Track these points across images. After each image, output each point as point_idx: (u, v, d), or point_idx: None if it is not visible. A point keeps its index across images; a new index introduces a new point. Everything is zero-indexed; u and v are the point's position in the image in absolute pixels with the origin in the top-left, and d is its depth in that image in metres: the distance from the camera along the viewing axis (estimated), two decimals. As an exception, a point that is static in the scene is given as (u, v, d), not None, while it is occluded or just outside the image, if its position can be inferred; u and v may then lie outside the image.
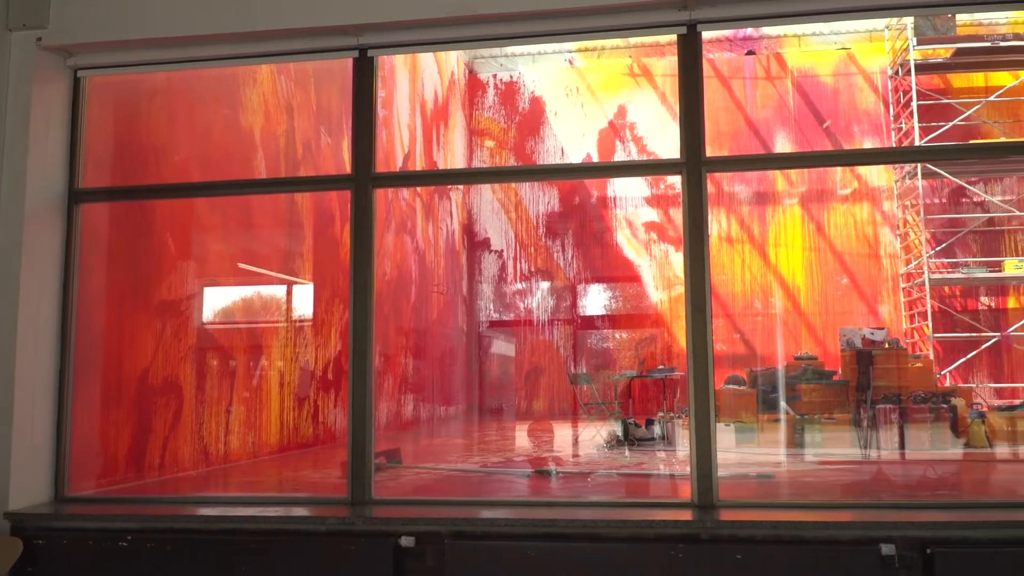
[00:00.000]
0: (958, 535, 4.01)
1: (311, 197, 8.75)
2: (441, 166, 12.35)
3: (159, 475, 6.34)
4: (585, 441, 9.31)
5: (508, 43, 5.16)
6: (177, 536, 4.46)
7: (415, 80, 11.43)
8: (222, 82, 7.42)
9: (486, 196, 13.56)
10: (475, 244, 13.48)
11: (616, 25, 4.87)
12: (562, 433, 10.61)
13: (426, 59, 11.81)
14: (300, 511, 4.66)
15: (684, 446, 4.54)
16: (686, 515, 4.31)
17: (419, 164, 11.46)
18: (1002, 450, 8.20)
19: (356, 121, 5.05)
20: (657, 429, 9.02)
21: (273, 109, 8.11)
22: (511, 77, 13.84)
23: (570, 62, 13.73)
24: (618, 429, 9.05)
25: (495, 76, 13.87)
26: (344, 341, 8.54)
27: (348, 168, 5.08)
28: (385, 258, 10.11)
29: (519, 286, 13.35)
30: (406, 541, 4.25)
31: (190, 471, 6.73)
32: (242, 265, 7.91)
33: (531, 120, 13.75)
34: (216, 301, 7.60)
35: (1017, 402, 10.46)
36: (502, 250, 13.42)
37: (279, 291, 8.50)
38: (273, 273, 8.35)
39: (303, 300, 8.72)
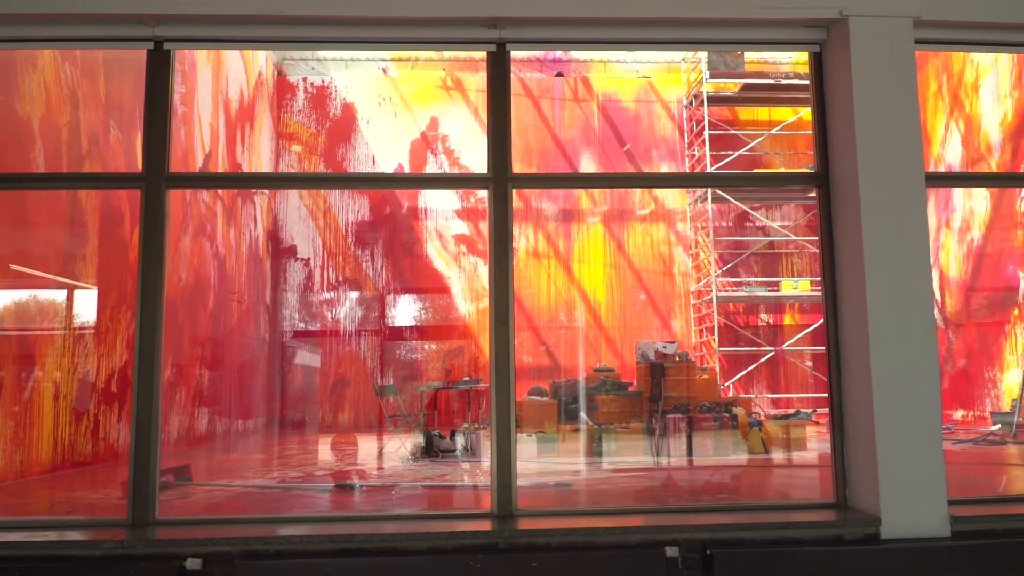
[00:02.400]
0: (735, 536, 4.30)
1: (97, 195, 8.12)
2: (246, 169, 11.86)
3: (-96, 500, 5.63)
4: (390, 453, 9.22)
5: (316, 47, 5.03)
6: (-78, 569, 3.97)
7: (219, 77, 10.92)
8: (-5, 65, 6.75)
9: (293, 202, 13.16)
10: (280, 251, 13.04)
11: (427, 38, 4.87)
12: (367, 446, 10.44)
13: (232, 57, 11.32)
14: (74, 535, 4.28)
15: (488, 457, 4.62)
16: (485, 525, 4.35)
17: (222, 165, 10.93)
18: (777, 456, 8.89)
19: (149, 117, 4.74)
20: (461, 440, 9.08)
21: (55, 98, 7.46)
22: (323, 81, 13.54)
23: (384, 71, 13.63)
24: (423, 441, 9.03)
25: (305, 79, 13.53)
26: (131, 350, 7.98)
27: (140, 166, 4.75)
28: (181, 263, 9.55)
29: (326, 295, 13.04)
30: (192, 563, 4.01)
31: (-57, 495, 6.03)
32: (14, 266, 7.19)
33: (342, 126, 13.51)
34: (-19, 305, 6.87)
35: (791, 411, 11.40)
36: (309, 258, 13.06)
37: (58, 295, 7.81)
38: (51, 276, 7.66)
39: (86, 306, 8.05)
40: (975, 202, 11.95)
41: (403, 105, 13.67)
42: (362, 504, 6.11)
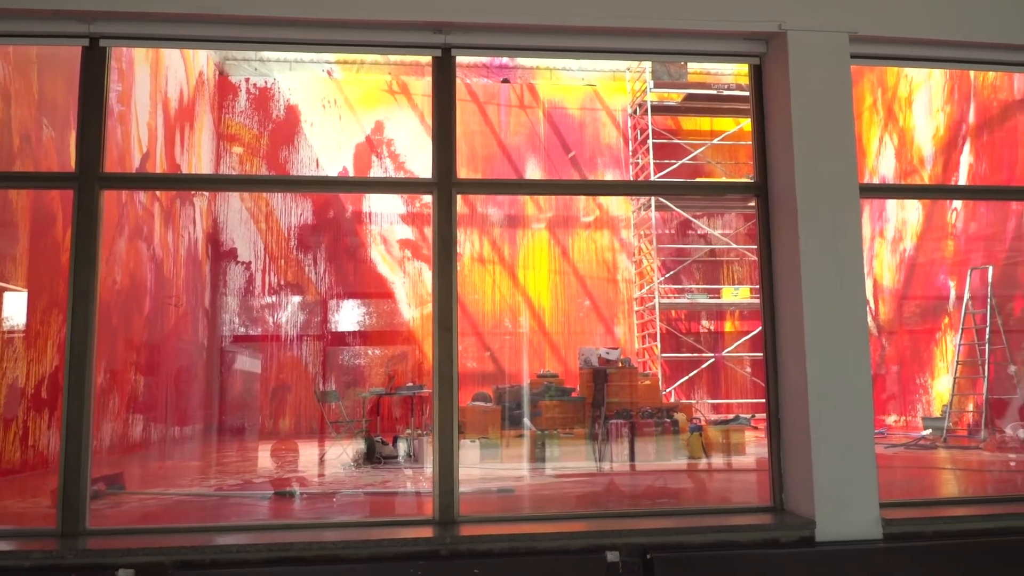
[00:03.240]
0: (675, 540, 4.35)
1: (29, 195, 7.87)
2: (185, 170, 11.61)
3: None
4: (331, 460, 9.11)
5: (259, 47, 4.96)
6: None
7: (157, 76, 10.68)
8: (-79, 58, 6.50)
9: (234, 204, 12.92)
10: (220, 254, 12.79)
11: (373, 41, 4.84)
12: (308, 452, 10.30)
13: (171, 55, 11.08)
14: (1, 545, 4.14)
15: (431, 463, 4.61)
16: (427, 532, 4.33)
17: (160, 166, 10.69)
18: (717, 460, 9.02)
19: (83, 115, 4.62)
20: (403, 447, 9.02)
21: (-15, 94, 7.23)
22: (265, 83, 13.35)
23: (328, 73, 13.49)
24: (365, 447, 8.94)
25: (248, 80, 13.31)
26: (62, 355, 7.75)
27: (73, 165, 4.63)
28: (116, 266, 9.31)
29: (267, 300, 12.83)
30: (124, 574, 3.90)
31: None
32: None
33: (285, 129, 13.33)
34: (-97, 308, 6.60)
35: (730, 417, 11.58)
36: (250, 261, 12.83)
37: (-14, 298, 7.55)
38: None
39: (15, 308, 7.79)
40: (908, 213, 12.32)
41: (348, 108, 13.55)
42: (302, 512, 6.03)
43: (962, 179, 11.12)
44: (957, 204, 11.37)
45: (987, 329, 10.23)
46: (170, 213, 11.11)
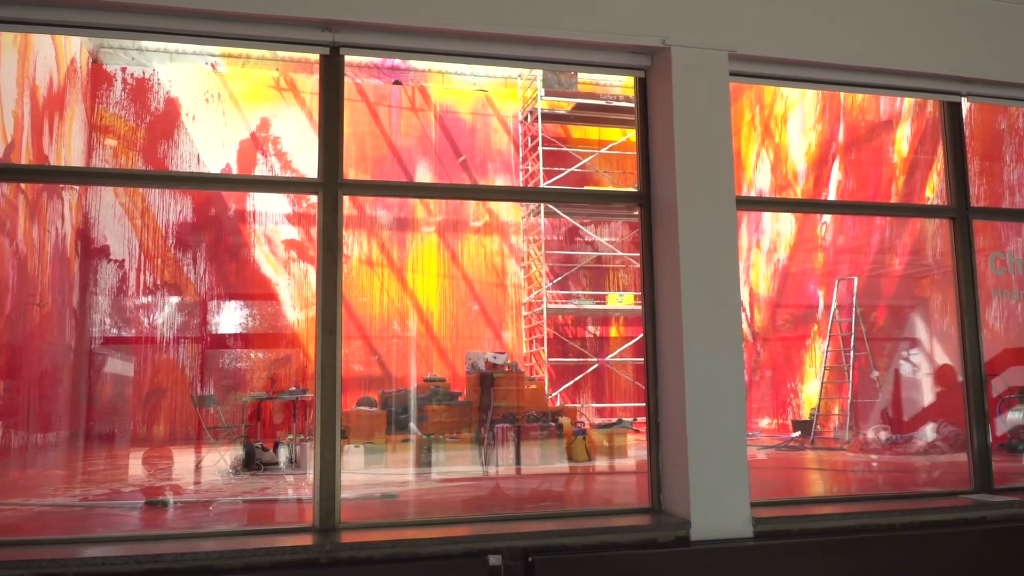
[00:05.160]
0: (557, 543, 4.41)
1: None
2: (54, 162, 10.98)
3: None
4: (208, 467, 8.80)
5: (136, 36, 4.74)
6: None
7: (25, 61, 10.07)
8: None
9: (107, 200, 12.29)
10: (91, 252, 12.12)
11: (258, 36, 4.71)
12: (183, 459, 9.90)
13: (42, 40, 10.46)
14: None
15: (312, 469, 4.52)
16: (306, 540, 4.24)
17: (26, 157, 10.08)
18: (600, 463, 9.20)
19: (-62, 99, 4.32)
20: (284, 452, 8.80)
21: None
22: (144, 73, 12.77)
23: (213, 66, 13.04)
24: (243, 453, 8.68)
25: (124, 70, 12.70)
26: (-90, 357, 7.20)
27: (-75, 153, 4.31)
28: (-26, 261, 8.72)
29: (142, 300, 12.26)
30: (-25, 592, 3.66)
31: None
32: None
33: (164, 122, 12.77)
34: None
35: (614, 420, 11.83)
36: (123, 260, 12.22)
37: None
38: None
39: None
40: (782, 225, 12.90)
41: (232, 103, 13.13)
42: (176, 522, 5.81)
43: (832, 194, 11.73)
44: (827, 218, 11.98)
45: (852, 337, 10.81)
46: (36, 207, 10.47)
